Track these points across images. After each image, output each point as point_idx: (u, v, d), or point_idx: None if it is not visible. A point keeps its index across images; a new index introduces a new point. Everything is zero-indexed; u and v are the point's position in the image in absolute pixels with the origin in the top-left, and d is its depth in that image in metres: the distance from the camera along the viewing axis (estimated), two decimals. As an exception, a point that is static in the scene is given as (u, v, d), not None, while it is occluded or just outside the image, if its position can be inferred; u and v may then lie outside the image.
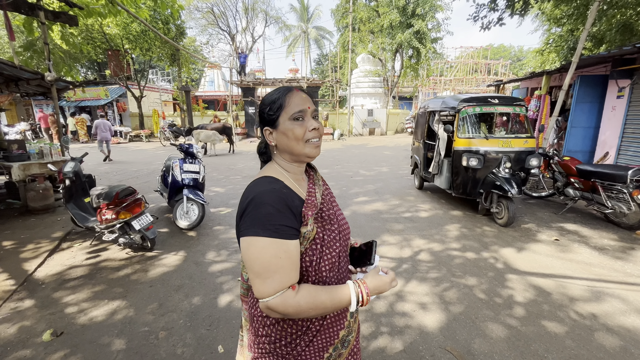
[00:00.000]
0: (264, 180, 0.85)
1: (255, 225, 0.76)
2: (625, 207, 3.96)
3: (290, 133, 0.84)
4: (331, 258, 0.88)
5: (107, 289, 2.80)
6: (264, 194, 0.79)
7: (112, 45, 16.55)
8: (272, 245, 0.75)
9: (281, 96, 0.86)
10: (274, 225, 0.76)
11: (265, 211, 0.76)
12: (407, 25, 17.52)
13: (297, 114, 0.84)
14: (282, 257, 0.76)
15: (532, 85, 8.84)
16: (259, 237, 0.75)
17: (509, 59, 34.38)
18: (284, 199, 0.80)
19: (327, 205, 0.93)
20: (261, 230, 0.75)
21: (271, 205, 0.77)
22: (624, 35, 8.75)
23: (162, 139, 15.12)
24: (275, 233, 0.75)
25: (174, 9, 9.38)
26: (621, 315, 2.40)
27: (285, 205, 0.79)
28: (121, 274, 3.07)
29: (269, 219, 0.76)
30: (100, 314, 2.45)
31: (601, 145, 6.23)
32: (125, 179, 7.32)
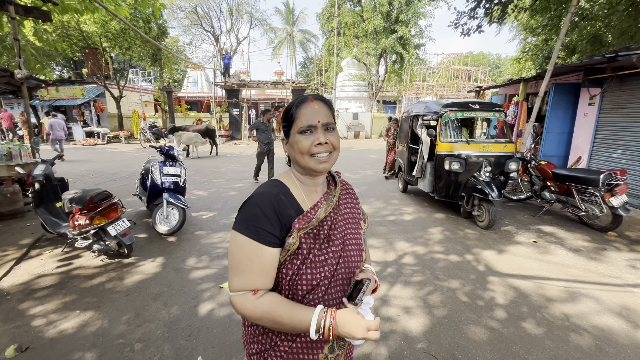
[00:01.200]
0: (271, 183, 0.89)
1: (240, 222, 0.79)
2: (597, 209, 4.13)
3: (296, 146, 0.85)
4: (311, 279, 0.81)
5: (79, 299, 2.65)
6: (259, 196, 0.82)
7: (89, 43, 15.96)
8: (247, 246, 0.77)
9: (294, 107, 0.86)
10: (255, 227, 0.77)
11: (252, 211, 0.79)
12: (391, 31, 17.83)
13: (304, 127, 0.83)
14: (253, 260, 0.77)
15: (510, 92, 9.16)
16: (239, 234, 0.78)
17: (488, 66, 35.59)
18: (276, 205, 0.80)
19: (334, 225, 0.88)
20: (243, 228, 0.78)
21: (259, 207, 0.79)
22: (594, 45, 9.22)
23: (143, 141, 14.67)
24: (255, 235, 0.77)
25: (156, 7, 9.15)
26: (595, 315, 2.48)
27: (273, 211, 0.79)
28: (95, 283, 2.91)
29: (253, 220, 0.78)
30: (70, 326, 2.31)
31: (574, 150, 6.51)
32: (102, 182, 7.03)
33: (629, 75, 5.29)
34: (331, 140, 0.85)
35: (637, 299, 2.71)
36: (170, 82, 21.71)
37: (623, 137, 5.51)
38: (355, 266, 0.91)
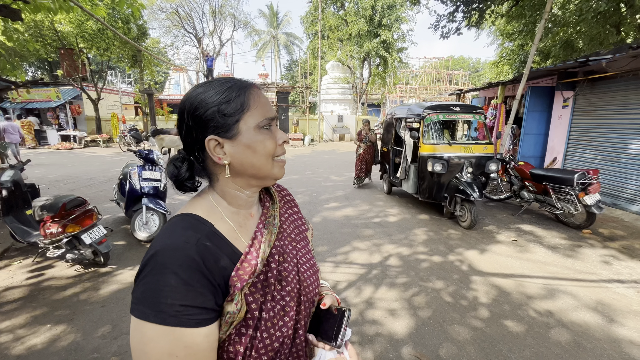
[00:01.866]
0: (181, 222, 0.58)
1: (145, 302, 0.50)
2: (572, 208, 4.29)
3: (261, 147, 0.60)
4: (272, 342, 0.59)
5: (50, 312, 2.51)
6: (168, 251, 0.52)
7: (65, 43, 15.36)
8: (165, 337, 0.49)
9: (242, 92, 0.60)
10: (171, 307, 0.49)
11: (162, 281, 0.50)
12: (374, 34, 18.07)
13: (267, 121, 0.61)
14: (180, 355, 0.50)
15: (489, 95, 9.44)
16: (147, 323, 0.49)
17: (468, 69, 36.63)
18: (200, 261, 0.53)
19: (282, 257, 0.65)
20: (152, 313, 0.49)
21: (174, 272, 0.50)
22: (566, 50, 9.65)
23: (122, 144, 14.22)
24: (173, 318, 0.49)
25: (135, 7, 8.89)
26: (573, 311, 2.56)
27: (198, 272, 0.52)
28: (68, 294, 2.77)
29: (167, 296, 0.49)
30: (40, 341, 2.18)
31: (550, 151, 6.75)
32: (78, 188, 6.74)
33: (599, 79, 5.55)
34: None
35: (611, 294, 2.81)
36: (152, 84, 21.16)
37: (595, 138, 5.76)
38: (315, 293, 0.71)
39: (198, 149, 0.62)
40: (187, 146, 0.64)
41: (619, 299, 2.73)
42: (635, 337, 2.25)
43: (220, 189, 0.64)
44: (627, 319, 2.46)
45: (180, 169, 0.64)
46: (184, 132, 0.62)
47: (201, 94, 0.60)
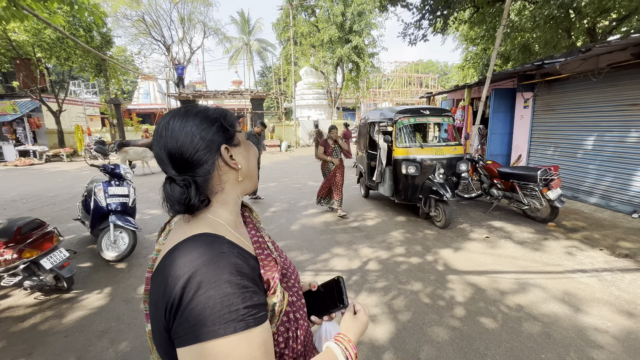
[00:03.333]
0: (197, 242, 0.56)
1: (207, 322, 0.48)
2: (538, 203, 4.52)
3: (252, 151, 0.71)
4: (304, 324, 0.68)
5: (7, 347, 2.30)
6: (210, 266, 0.52)
7: (20, 53, 14.45)
8: (242, 344, 0.49)
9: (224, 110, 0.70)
10: (237, 312, 0.50)
11: (221, 292, 0.50)
12: (346, 40, 18.40)
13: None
14: (258, 355, 0.50)
15: (457, 97, 9.83)
16: (218, 340, 0.48)
17: (437, 73, 38.09)
18: (243, 265, 0.55)
19: (275, 245, 0.73)
20: (221, 327, 0.48)
21: (228, 281, 0.51)
22: (524, 54, 10.27)
23: (88, 158, 13.50)
24: (242, 323, 0.50)
25: (96, 15, 8.53)
26: (543, 303, 2.68)
27: (245, 275, 0.54)
28: (27, 325, 2.55)
29: (230, 304, 0.49)
30: (-7, 381, 1.99)
31: (515, 149, 7.11)
32: (39, 207, 6.30)
33: (555, 81, 5.93)
34: None
35: (576, 284, 2.97)
36: (119, 93, 20.30)
37: (554, 136, 6.14)
38: (299, 282, 0.78)
39: (197, 169, 0.63)
40: (187, 170, 0.63)
41: (583, 288, 2.89)
42: (599, 324, 2.39)
43: (223, 200, 0.66)
44: (591, 307, 2.61)
45: (190, 192, 0.61)
46: (185, 156, 0.62)
47: (199, 116, 0.64)
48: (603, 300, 2.69)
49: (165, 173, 0.65)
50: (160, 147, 0.63)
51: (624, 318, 2.45)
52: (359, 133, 6.68)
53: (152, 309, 0.57)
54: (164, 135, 0.62)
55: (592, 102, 5.34)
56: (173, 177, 0.63)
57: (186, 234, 0.59)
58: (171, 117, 0.64)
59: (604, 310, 2.55)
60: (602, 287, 2.90)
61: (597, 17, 7.93)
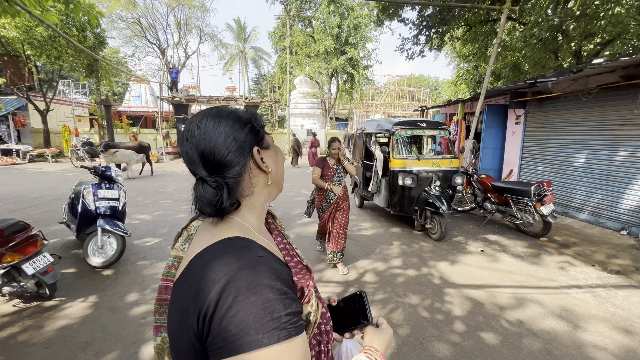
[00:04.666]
0: (231, 245, 0.53)
1: (250, 331, 0.44)
2: (531, 217, 4.58)
3: (280, 154, 0.70)
4: (331, 339, 0.68)
5: (-20, 359, 2.13)
6: (251, 270, 0.48)
7: (9, 49, 14.09)
8: (285, 353, 0.46)
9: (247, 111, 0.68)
10: (279, 320, 0.46)
11: (262, 298, 0.46)
12: (341, 52, 18.68)
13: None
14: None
15: (450, 111, 10.03)
16: (262, 350, 0.44)
17: (428, 87, 38.98)
18: (282, 270, 0.53)
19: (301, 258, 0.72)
20: (264, 336, 0.45)
21: (268, 286, 0.48)
22: (515, 72, 10.61)
23: (74, 159, 13.11)
24: (285, 331, 0.46)
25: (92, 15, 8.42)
26: (541, 319, 2.67)
27: (284, 280, 0.51)
28: (3, 335, 2.38)
29: (272, 312, 0.46)
30: (-36, 397, 1.83)
31: (507, 164, 7.25)
32: (21, 209, 6.03)
33: (547, 99, 6.11)
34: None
35: (572, 300, 2.98)
36: (110, 95, 19.97)
37: (545, 152, 6.28)
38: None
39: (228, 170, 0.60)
40: (218, 171, 0.60)
41: (579, 304, 2.90)
42: (597, 341, 2.38)
43: (251, 205, 0.64)
44: (588, 323, 2.61)
45: (222, 194, 0.58)
46: (218, 157, 0.59)
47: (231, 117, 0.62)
48: (599, 317, 2.70)
49: (194, 174, 0.61)
50: (191, 146, 0.60)
51: (621, 335, 2.46)
52: (354, 143, 6.69)
53: (177, 319, 0.51)
54: (195, 135, 0.60)
55: (582, 121, 5.50)
56: (205, 179, 0.59)
57: (216, 237, 0.56)
58: (203, 116, 0.62)
59: (601, 327, 2.56)
60: (597, 304, 2.92)
61: (583, 40, 8.28)
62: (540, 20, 7.01)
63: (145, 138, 16.65)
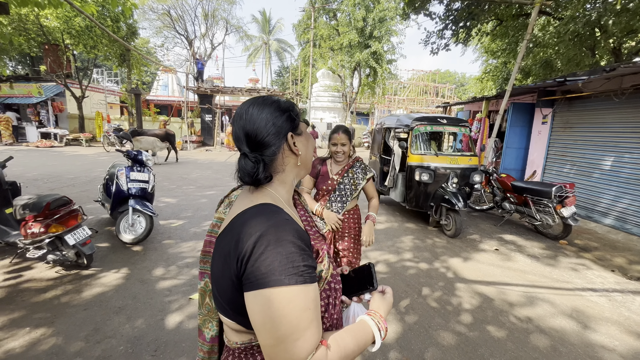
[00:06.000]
0: (265, 209, 0.67)
1: (275, 272, 0.58)
2: (550, 219, 4.49)
3: (311, 141, 0.80)
4: (339, 296, 0.80)
5: (30, 315, 2.43)
6: (278, 228, 0.62)
7: (50, 39, 14.96)
8: (301, 295, 0.59)
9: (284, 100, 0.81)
10: (298, 268, 0.60)
11: (286, 250, 0.60)
12: (365, 45, 18.46)
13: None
14: (312, 307, 0.61)
15: (474, 109, 9.79)
16: (283, 288, 0.58)
17: (453, 83, 37.82)
18: (302, 232, 0.66)
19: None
20: (286, 277, 0.58)
21: (291, 242, 0.61)
22: (546, 70, 10.16)
23: (106, 144, 13.86)
24: (301, 277, 0.60)
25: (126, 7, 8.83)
26: (551, 317, 2.68)
27: (304, 240, 0.65)
28: (48, 297, 2.68)
29: (293, 260, 0.60)
30: (19, 344, 2.10)
31: (530, 165, 7.05)
32: (59, 187, 6.53)
33: (576, 98, 5.87)
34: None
35: (585, 302, 2.96)
36: (139, 84, 20.81)
37: (571, 154, 6.07)
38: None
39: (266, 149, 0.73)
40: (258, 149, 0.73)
41: (592, 307, 2.87)
42: (606, 342, 2.38)
43: (282, 180, 0.77)
44: (599, 325, 2.60)
45: (259, 168, 0.72)
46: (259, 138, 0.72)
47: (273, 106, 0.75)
48: (612, 320, 2.68)
49: (239, 150, 0.75)
50: (239, 127, 0.74)
51: (632, 338, 2.44)
52: (373, 138, 6.73)
53: (221, 261, 0.66)
54: (243, 118, 0.74)
55: (613, 122, 5.27)
56: (247, 154, 0.73)
57: (253, 202, 0.70)
58: (250, 104, 0.75)
59: (613, 330, 2.54)
60: (611, 307, 2.88)
61: (624, 37, 7.81)
62: (577, 14, 6.69)
63: (171, 126, 17.29)
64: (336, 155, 2.14)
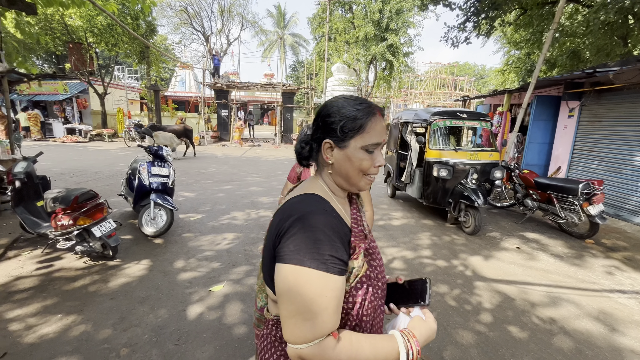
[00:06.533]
0: (311, 198, 0.74)
1: (300, 252, 0.64)
2: (576, 217, 4.31)
3: (357, 162, 0.74)
4: (375, 300, 0.77)
5: (61, 302, 2.56)
6: (313, 215, 0.68)
7: (74, 37, 15.50)
8: (318, 280, 0.63)
9: (365, 117, 0.74)
10: (322, 256, 0.64)
11: (314, 236, 0.65)
12: (381, 38, 18.12)
13: (372, 146, 0.74)
14: (328, 296, 0.63)
15: (495, 102, 9.47)
16: (303, 268, 0.63)
17: (473, 76, 36.68)
18: (337, 225, 0.69)
19: (370, 237, 0.85)
20: (308, 260, 0.63)
21: (322, 230, 0.66)
22: (572, 60, 9.68)
23: (127, 140, 14.30)
24: (323, 265, 0.63)
25: (145, 4, 9.01)
26: (576, 319, 2.59)
27: (336, 232, 0.68)
28: (77, 286, 2.82)
29: (318, 247, 0.64)
30: (52, 330, 2.22)
31: (554, 160, 6.78)
32: (84, 181, 6.80)
33: (606, 91, 5.58)
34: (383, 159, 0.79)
35: (613, 304, 2.84)
36: (158, 80, 21.29)
37: (600, 149, 5.79)
38: (384, 271, 0.88)
39: (318, 142, 0.79)
40: (313, 136, 0.81)
41: (621, 309, 2.75)
42: (636, 347, 2.28)
43: (325, 179, 0.81)
44: (628, 328, 2.49)
45: (304, 149, 0.83)
46: (315, 126, 0.80)
47: (337, 107, 0.76)
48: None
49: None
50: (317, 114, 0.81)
51: (665, 344, 2.32)
52: (389, 133, 6.63)
53: (269, 234, 0.75)
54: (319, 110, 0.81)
55: (647, 115, 4.98)
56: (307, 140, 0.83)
57: (304, 191, 0.79)
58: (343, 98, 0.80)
59: (644, 334, 2.43)
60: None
61: (660, 24, 7.33)
62: (608, 1, 6.32)
63: (188, 122, 17.64)
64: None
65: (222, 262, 3.35)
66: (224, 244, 3.82)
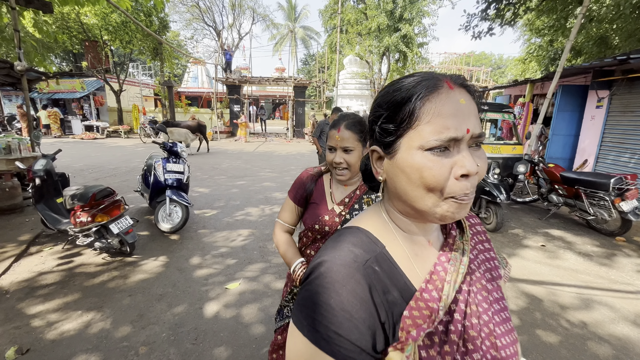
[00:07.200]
0: (351, 237, 0.50)
1: (303, 311, 0.46)
2: (606, 214, 4.08)
3: (416, 175, 0.44)
4: None
5: (81, 299, 2.58)
6: (334, 265, 0.46)
7: (89, 35, 15.78)
8: (309, 355, 0.44)
9: (417, 97, 0.44)
10: (325, 330, 0.43)
11: (323, 298, 0.44)
12: (395, 29, 17.69)
13: (437, 141, 0.43)
14: None
15: (515, 93, 9.10)
16: (297, 332, 0.46)
17: (489, 66, 35.51)
18: (366, 288, 0.45)
19: (472, 308, 0.49)
20: (306, 327, 0.45)
21: (336, 291, 0.44)
22: (600, 47, 9.17)
23: (142, 136, 14.55)
24: (325, 342, 0.43)
25: (158, 0, 9.03)
26: (611, 323, 2.43)
27: (360, 300, 0.44)
28: (97, 282, 2.84)
29: (323, 316, 0.43)
30: (72, 327, 2.24)
31: (580, 153, 6.46)
32: (102, 177, 6.93)
33: (639, 78, 5.23)
34: (481, 165, 0.46)
35: (651, 307, 2.66)
36: (171, 76, 21.52)
37: (631, 141, 5.46)
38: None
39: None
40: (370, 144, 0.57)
41: (660, 313, 2.58)
42: (680, 355, 2.12)
43: (389, 208, 0.54)
44: (670, 334, 2.32)
45: (368, 166, 0.60)
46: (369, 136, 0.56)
47: (382, 94, 0.50)
48: (686, 329, 2.38)
49: None
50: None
51: None
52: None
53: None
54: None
55: (686, 104, 4.64)
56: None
57: (357, 222, 0.55)
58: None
59: (687, 341, 2.26)
60: (684, 315, 2.57)
61: (699, 6, 6.81)
62: (640, -17, 5.90)
63: (201, 117, 17.79)
64: (335, 169, 1.15)
65: (237, 259, 3.32)
66: (239, 240, 3.80)
